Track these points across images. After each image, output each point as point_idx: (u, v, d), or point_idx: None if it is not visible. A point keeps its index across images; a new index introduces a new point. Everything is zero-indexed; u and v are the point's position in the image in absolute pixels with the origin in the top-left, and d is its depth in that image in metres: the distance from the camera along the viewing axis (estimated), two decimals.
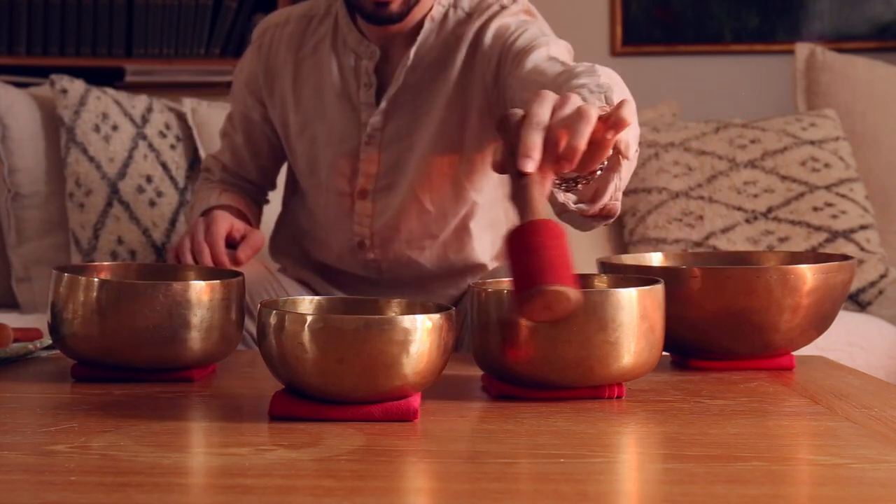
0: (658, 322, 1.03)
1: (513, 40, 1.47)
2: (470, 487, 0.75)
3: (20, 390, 1.10)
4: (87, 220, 2.11)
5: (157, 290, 1.10)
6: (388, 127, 1.57)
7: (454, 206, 1.59)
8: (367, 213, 1.60)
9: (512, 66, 1.44)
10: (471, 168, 1.57)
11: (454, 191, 1.58)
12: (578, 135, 0.92)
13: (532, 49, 1.41)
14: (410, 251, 1.61)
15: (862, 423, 0.93)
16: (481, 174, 1.58)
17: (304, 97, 1.63)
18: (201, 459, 0.84)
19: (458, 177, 1.57)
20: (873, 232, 2.28)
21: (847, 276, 1.20)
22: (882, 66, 2.60)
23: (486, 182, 1.59)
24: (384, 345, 0.91)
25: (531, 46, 1.42)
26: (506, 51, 1.47)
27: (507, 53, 1.47)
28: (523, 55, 1.42)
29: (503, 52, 1.48)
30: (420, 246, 1.61)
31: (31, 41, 2.86)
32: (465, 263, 1.64)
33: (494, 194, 1.61)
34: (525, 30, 1.48)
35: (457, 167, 1.56)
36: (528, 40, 1.45)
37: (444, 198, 1.58)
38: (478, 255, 1.63)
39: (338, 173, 1.60)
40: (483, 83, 1.52)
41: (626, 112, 0.95)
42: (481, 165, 1.57)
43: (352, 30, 1.58)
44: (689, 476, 0.77)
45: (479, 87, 1.52)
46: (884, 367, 1.95)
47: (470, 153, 1.56)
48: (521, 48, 1.44)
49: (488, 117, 1.52)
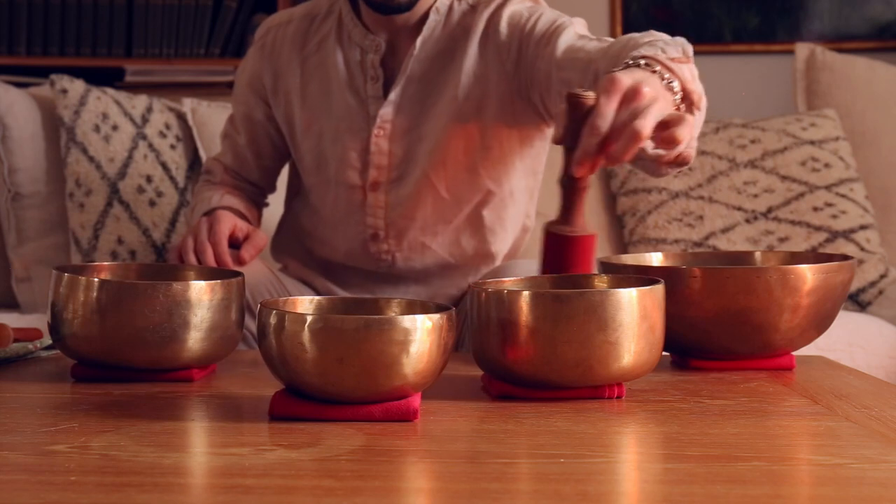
0: (658, 322, 1.03)
1: (531, 26, 1.51)
2: (470, 487, 0.75)
3: (20, 390, 1.10)
4: (87, 220, 2.11)
5: (157, 290, 1.10)
6: (398, 118, 1.58)
7: (469, 194, 1.60)
8: (381, 204, 1.61)
9: (538, 48, 1.48)
10: (488, 156, 1.58)
11: (470, 178, 1.59)
12: (625, 151, 1.03)
13: (558, 31, 1.47)
14: (424, 237, 1.63)
15: (862, 423, 0.93)
16: (500, 164, 1.59)
17: (310, 94, 1.63)
18: (201, 459, 0.84)
19: (474, 164, 1.58)
20: (873, 232, 2.28)
21: (847, 276, 1.20)
22: (882, 66, 2.60)
23: (503, 172, 1.60)
24: (384, 345, 0.91)
25: (555, 29, 1.48)
26: (525, 37, 1.51)
27: (528, 39, 1.51)
28: (550, 37, 1.47)
29: (522, 38, 1.52)
30: (434, 231, 1.62)
31: (31, 41, 2.86)
32: (475, 251, 1.64)
33: (514, 185, 1.62)
34: (540, 14, 1.53)
35: (473, 155, 1.57)
36: (549, 23, 1.50)
37: (460, 185, 1.59)
38: (489, 244, 1.64)
39: (348, 167, 1.61)
40: (503, 72, 1.54)
41: (681, 132, 1.06)
42: (499, 154, 1.58)
43: (356, 24, 1.59)
44: (689, 476, 0.77)
45: (498, 75, 1.54)
46: (884, 367, 1.95)
47: (488, 141, 1.57)
48: (543, 31, 1.49)
49: (509, 105, 1.55)
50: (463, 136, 1.56)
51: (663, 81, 1.13)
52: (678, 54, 1.21)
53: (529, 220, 1.70)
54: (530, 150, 1.62)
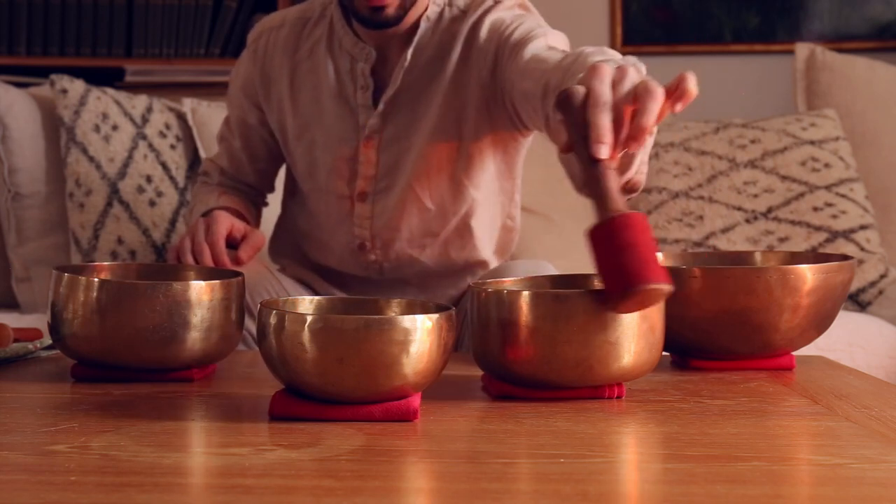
0: (658, 322, 1.03)
1: (509, 33, 1.47)
2: (470, 487, 0.75)
3: (20, 390, 1.10)
4: (87, 220, 2.11)
5: (157, 290, 1.10)
6: (387, 129, 1.56)
7: (454, 204, 1.59)
8: (367, 215, 1.60)
9: (510, 58, 1.45)
10: (468, 164, 1.56)
11: (453, 187, 1.57)
12: (648, 112, 0.94)
13: (529, 40, 1.42)
14: (412, 250, 1.61)
15: (862, 423, 0.93)
16: (479, 169, 1.58)
17: (301, 101, 1.62)
18: (201, 459, 0.84)
19: (456, 173, 1.57)
20: (873, 232, 2.28)
21: (847, 276, 1.20)
22: (882, 66, 2.60)
23: (483, 177, 1.59)
24: (384, 345, 0.91)
25: (528, 37, 1.43)
26: (502, 44, 1.48)
27: (504, 46, 1.47)
28: (520, 46, 1.42)
29: (500, 45, 1.48)
30: (421, 244, 1.61)
31: (31, 41, 2.86)
32: (466, 261, 1.64)
33: (491, 188, 1.61)
34: (521, 23, 1.48)
35: (455, 163, 1.56)
36: (525, 32, 1.45)
37: (444, 195, 1.58)
38: (480, 252, 1.63)
39: (336, 176, 1.60)
40: (479, 78, 1.52)
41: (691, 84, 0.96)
42: (479, 160, 1.57)
43: (347, 32, 1.58)
44: (689, 476, 0.77)
45: (476, 82, 1.52)
46: (884, 367, 1.95)
47: (467, 149, 1.55)
48: (517, 40, 1.45)
49: (486, 113, 1.53)
50: (446, 145, 1.55)
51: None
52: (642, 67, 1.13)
53: (513, 222, 1.68)
54: (509, 152, 1.60)
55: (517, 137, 1.58)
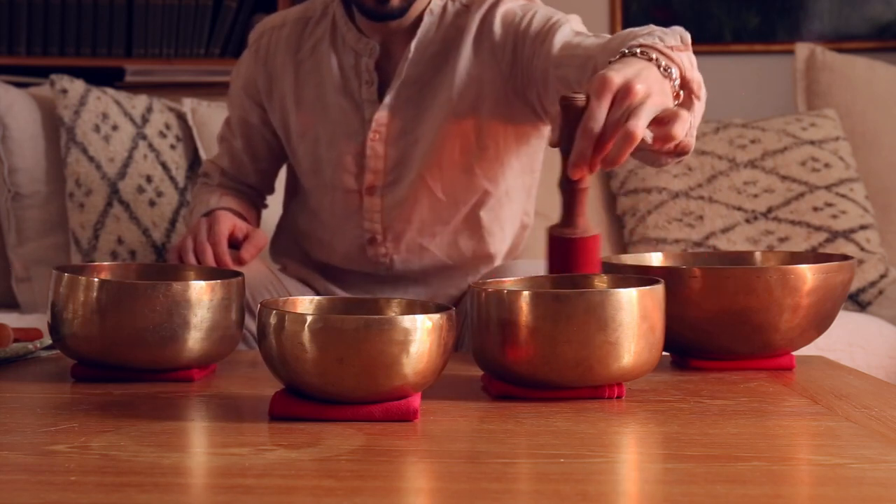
0: (658, 322, 1.03)
1: (526, 24, 1.50)
2: (470, 487, 0.75)
3: (20, 390, 1.10)
4: (87, 220, 2.11)
5: (157, 290, 1.10)
6: (394, 122, 1.57)
7: (465, 194, 1.60)
8: (377, 208, 1.61)
9: (534, 46, 1.47)
10: (484, 156, 1.57)
11: (466, 178, 1.58)
12: (620, 153, 1.03)
13: (553, 29, 1.45)
14: (422, 239, 1.62)
15: (862, 423, 0.93)
16: (496, 163, 1.59)
17: (305, 98, 1.63)
18: (201, 459, 0.84)
19: (469, 165, 1.57)
20: (873, 232, 2.28)
21: (847, 276, 1.20)
22: (882, 66, 2.60)
23: (499, 172, 1.60)
24: (384, 345, 0.91)
25: (551, 26, 1.46)
26: (521, 35, 1.50)
27: (524, 37, 1.50)
28: (546, 35, 1.45)
29: (517, 37, 1.51)
30: (431, 233, 1.62)
31: (31, 41, 2.86)
32: (474, 252, 1.64)
33: (510, 183, 1.62)
34: (534, 12, 1.51)
35: (469, 155, 1.57)
36: (543, 21, 1.48)
37: (456, 186, 1.58)
38: (488, 245, 1.64)
39: (344, 171, 1.61)
40: (498, 71, 1.53)
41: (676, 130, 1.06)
42: (495, 154, 1.58)
43: (350, 28, 1.59)
44: (689, 476, 0.77)
45: (493, 76, 1.54)
46: (884, 367, 1.95)
47: (484, 141, 1.56)
48: (538, 29, 1.48)
49: (504, 105, 1.55)
50: (458, 137, 1.56)
51: (660, 69, 1.13)
52: (676, 42, 1.20)
53: (528, 218, 1.70)
54: (527, 148, 1.62)
55: (539, 127, 1.59)
